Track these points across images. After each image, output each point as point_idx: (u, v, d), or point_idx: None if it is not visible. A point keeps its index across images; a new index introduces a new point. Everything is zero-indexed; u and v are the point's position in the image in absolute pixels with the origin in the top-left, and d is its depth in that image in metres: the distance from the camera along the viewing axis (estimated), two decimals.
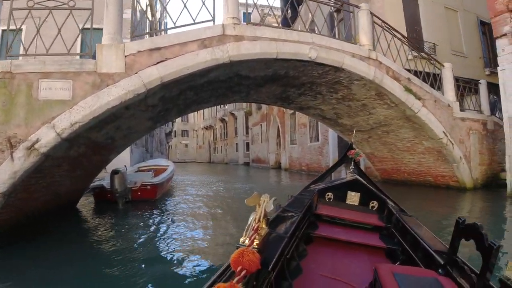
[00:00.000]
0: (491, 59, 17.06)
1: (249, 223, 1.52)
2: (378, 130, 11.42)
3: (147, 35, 9.09)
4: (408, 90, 9.47)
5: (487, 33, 17.30)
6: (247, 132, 36.70)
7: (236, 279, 1.11)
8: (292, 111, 22.77)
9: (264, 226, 1.50)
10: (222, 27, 6.65)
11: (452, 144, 10.26)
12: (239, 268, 1.17)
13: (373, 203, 3.88)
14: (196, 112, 62.26)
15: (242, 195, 10.73)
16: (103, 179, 9.89)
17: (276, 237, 2.17)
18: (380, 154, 12.86)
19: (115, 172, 8.64)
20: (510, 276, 1.41)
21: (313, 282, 2.31)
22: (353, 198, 3.95)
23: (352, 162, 4.47)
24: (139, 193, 9.67)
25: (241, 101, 11.30)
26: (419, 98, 9.68)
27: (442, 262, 2.00)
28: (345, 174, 4.77)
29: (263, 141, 30.03)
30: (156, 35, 6.71)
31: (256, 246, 1.36)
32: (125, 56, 6.05)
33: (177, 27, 6.63)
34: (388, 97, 9.30)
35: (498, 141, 11.94)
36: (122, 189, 8.76)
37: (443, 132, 10.10)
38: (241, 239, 1.46)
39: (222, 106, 44.07)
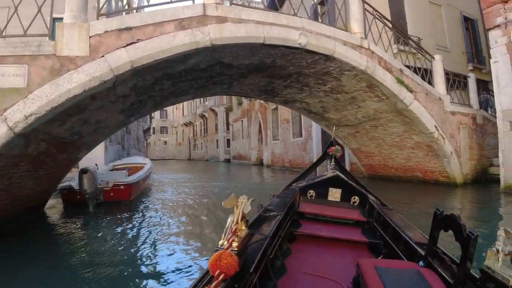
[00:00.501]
0: (473, 55, 16.95)
1: (227, 225, 1.45)
2: (366, 124, 10.87)
3: (117, 14, 8.16)
4: (400, 82, 8.93)
5: (470, 29, 17.20)
6: (227, 128, 35.80)
7: (214, 283, 1.09)
8: (274, 106, 22.13)
9: (243, 227, 1.47)
10: (203, 7, 5.83)
11: (443, 138, 9.83)
12: (217, 272, 1.15)
13: (354, 198, 3.88)
14: (175, 107, 60.83)
15: (223, 195, 9.97)
16: (73, 179, 8.90)
17: (258, 238, 2.10)
18: (367, 149, 12.35)
19: (83, 171, 7.70)
20: (490, 265, 1.40)
21: (298, 280, 2.30)
22: (334, 194, 3.94)
23: (333, 159, 4.45)
24: (111, 194, 8.77)
25: (223, 94, 10.52)
26: (411, 91, 9.16)
27: (423, 254, 2.00)
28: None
29: (244, 137, 29.27)
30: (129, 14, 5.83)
31: (236, 249, 1.33)
32: (90, 37, 5.17)
33: (151, 5, 5.80)
34: (379, 89, 8.73)
35: (487, 136, 11.65)
36: (92, 190, 7.84)
37: (435, 126, 9.65)
38: (220, 242, 1.40)
39: (202, 101, 42.99)
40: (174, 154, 60.77)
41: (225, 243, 1.37)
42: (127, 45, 5.20)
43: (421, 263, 1.95)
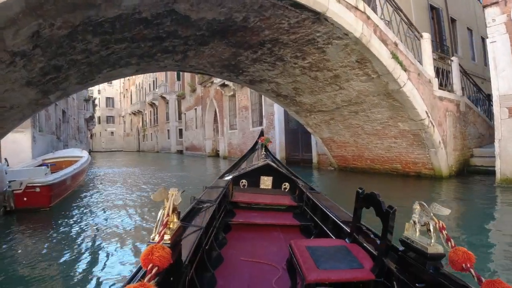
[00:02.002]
0: (438, 44, 16.15)
1: (158, 218, 1.30)
2: (345, 110, 9.16)
3: None
4: (395, 57, 7.24)
5: (435, 18, 16.48)
6: (180, 118, 32.76)
7: (147, 277, 1.01)
8: (231, 92, 19.92)
9: (175, 220, 1.37)
10: None
11: (433, 126, 8.39)
12: (150, 266, 1.06)
13: (285, 185, 3.95)
14: (122, 95, 56.05)
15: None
16: None
17: (191, 230, 2.03)
18: (341, 139, 10.71)
19: None
20: (408, 236, 1.45)
21: (235, 268, 2.27)
22: (266, 182, 3.98)
23: (264, 148, 4.50)
24: (25, 199, 6.28)
25: (175, 69, 8.18)
26: (405, 70, 7.53)
27: (349, 231, 2.06)
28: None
29: (198, 127, 26.64)
30: None
31: (168, 241, 1.25)
32: None
33: None
34: (371, 65, 6.97)
35: (469, 125, 10.52)
36: None
37: (426, 112, 8.16)
38: (151, 236, 1.26)
39: (152, 88, 39.40)
40: (122, 146, 56.04)
41: (157, 236, 1.24)
42: None
43: (347, 239, 1.99)
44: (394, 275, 1.51)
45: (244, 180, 3.98)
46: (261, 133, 4.98)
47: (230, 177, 3.98)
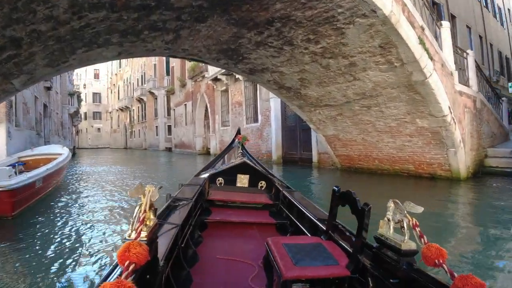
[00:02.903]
0: None
1: (134, 215, 1.25)
2: (356, 104, 8.08)
3: None
4: (422, 43, 6.19)
5: (435, 13, 15.55)
6: (169, 114, 31.22)
7: (124, 274, 0.97)
8: (224, 87, 18.69)
9: (151, 217, 1.31)
10: None
11: (455, 123, 7.40)
12: (126, 263, 1.02)
13: (261, 183, 3.88)
14: (109, 90, 54.01)
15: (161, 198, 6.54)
16: None
17: (168, 227, 1.99)
18: (348, 136, 9.65)
19: None
20: (383, 233, 1.45)
21: (211, 266, 2.23)
22: (243, 180, 3.90)
23: (241, 146, 4.46)
24: None
25: (165, 53, 6.85)
26: (431, 58, 6.50)
27: (324, 229, 2.05)
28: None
29: (188, 124, 25.23)
30: None
31: (145, 238, 1.20)
32: None
33: None
34: (397, 50, 5.89)
35: (483, 123, 9.60)
36: None
37: (448, 107, 7.16)
38: (128, 233, 1.21)
39: (140, 83, 37.76)
40: (108, 143, 53.95)
41: (133, 233, 1.18)
42: None
43: (323, 236, 1.99)
44: (369, 272, 1.49)
45: (220, 178, 3.90)
46: (238, 131, 4.95)
47: (207, 175, 3.88)
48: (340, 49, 6.20)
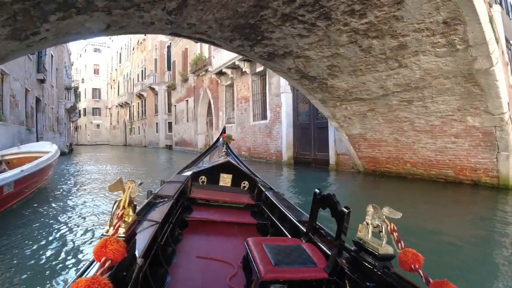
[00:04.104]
0: None
1: (113, 211, 1.23)
2: (395, 98, 6.69)
3: None
4: (491, 22, 4.82)
5: None
6: (169, 110, 29.71)
7: (100, 270, 0.95)
8: (229, 82, 17.24)
9: (130, 213, 1.28)
10: None
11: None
12: (103, 259, 1.00)
13: (244, 183, 3.80)
14: (109, 86, 52.39)
15: None
16: None
17: (147, 224, 1.95)
18: (377, 136, 8.27)
19: None
20: (361, 237, 1.45)
21: (190, 264, 2.19)
22: (225, 179, 3.83)
23: (225, 145, 4.41)
24: None
25: (166, 29, 5.24)
26: (497, 42, 5.12)
27: (305, 231, 2.02)
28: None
29: (189, 120, 23.70)
30: None
31: (123, 235, 1.17)
32: None
33: None
34: (465, 28, 4.50)
35: None
36: None
37: (508, 104, 5.80)
38: (105, 229, 1.18)
39: (140, 79, 36.26)
40: (108, 139, 52.38)
41: (111, 229, 1.15)
42: None
43: (303, 238, 1.96)
44: (346, 275, 1.50)
45: (203, 177, 3.79)
46: (223, 130, 4.96)
47: (190, 173, 3.78)
48: (391, 25, 4.79)
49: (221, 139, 4.60)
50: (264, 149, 14.32)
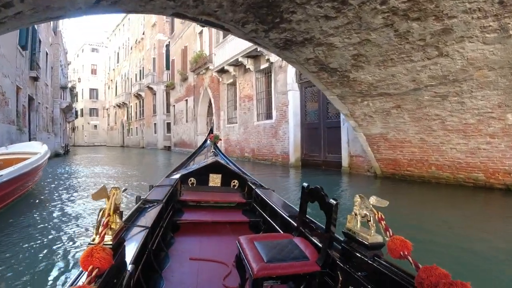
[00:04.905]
0: None
1: (98, 218, 1.20)
2: (427, 92, 5.92)
3: None
4: None
5: None
6: (168, 110, 28.82)
7: (87, 279, 0.94)
8: (231, 80, 16.44)
9: (117, 220, 1.26)
10: None
11: None
12: (90, 268, 0.99)
13: (234, 182, 3.79)
14: (107, 86, 51.39)
15: None
16: None
17: (137, 230, 1.88)
18: (400, 136, 7.49)
19: None
20: (350, 228, 1.45)
21: (183, 267, 2.17)
22: (215, 180, 3.81)
23: (213, 145, 4.44)
24: None
25: (169, 7, 4.43)
26: None
27: (296, 225, 2.03)
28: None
29: (189, 121, 22.81)
30: None
31: (110, 242, 1.15)
32: None
33: None
34: None
35: None
36: None
37: None
38: (92, 237, 1.16)
39: (138, 78, 35.37)
40: (105, 140, 51.36)
41: (97, 237, 1.14)
42: None
43: (294, 233, 1.96)
44: (338, 266, 1.51)
45: (192, 178, 3.73)
46: (211, 131, 4.96)
47: (178, 175, 3.69)
48: (438, 4, 4.02)
49: (208, 140, 4.59)
50: (269, 150, 13.52)
